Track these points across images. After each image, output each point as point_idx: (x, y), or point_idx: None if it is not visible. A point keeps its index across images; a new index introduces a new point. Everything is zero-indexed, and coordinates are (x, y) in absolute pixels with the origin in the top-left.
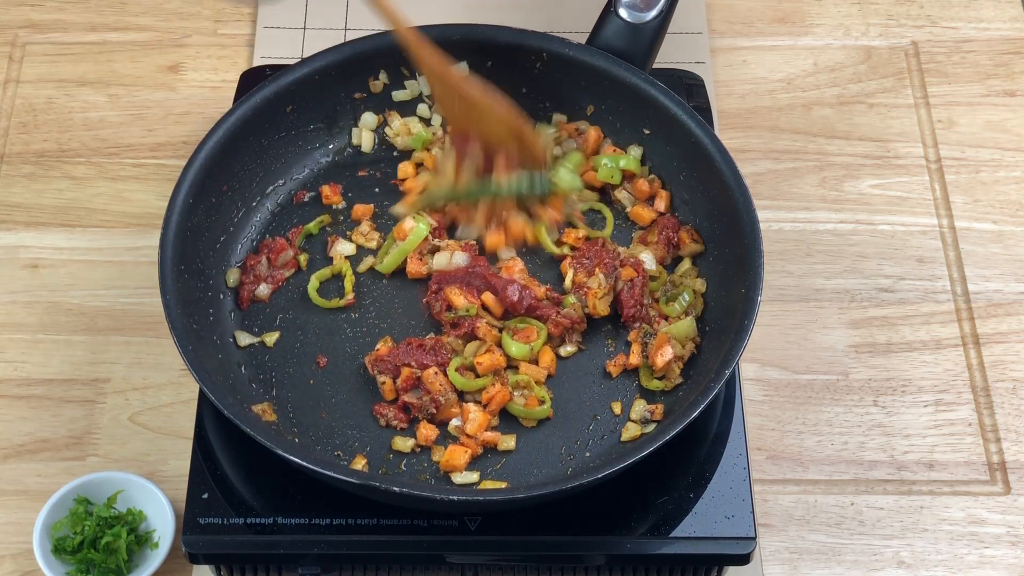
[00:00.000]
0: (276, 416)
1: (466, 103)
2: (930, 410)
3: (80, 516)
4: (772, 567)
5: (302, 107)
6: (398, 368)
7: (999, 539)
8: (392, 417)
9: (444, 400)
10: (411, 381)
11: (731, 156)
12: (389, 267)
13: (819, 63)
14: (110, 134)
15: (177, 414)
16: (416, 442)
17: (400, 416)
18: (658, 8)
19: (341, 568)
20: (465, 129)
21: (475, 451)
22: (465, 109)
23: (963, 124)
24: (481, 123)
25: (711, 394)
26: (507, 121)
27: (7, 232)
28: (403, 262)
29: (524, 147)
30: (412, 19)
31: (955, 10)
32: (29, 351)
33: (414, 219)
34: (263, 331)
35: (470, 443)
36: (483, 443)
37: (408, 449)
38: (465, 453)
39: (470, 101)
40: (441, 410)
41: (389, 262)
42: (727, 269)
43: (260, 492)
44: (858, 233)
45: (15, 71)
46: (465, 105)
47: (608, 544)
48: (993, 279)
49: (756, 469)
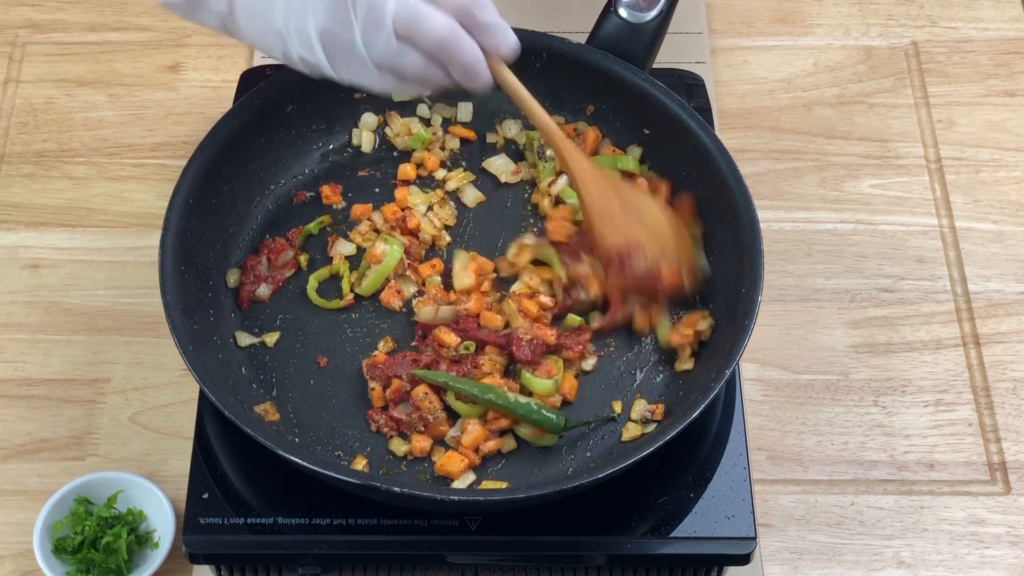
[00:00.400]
0: (279, 416)
1: (624, 198)
2: (930, 410)
3: (80, 516)
4: (772, 567)
5: (302, 107)
6: (389, 378)
7: (999, 539)
8: (383, 424)
9: (433, 419)
10: (400, 394)
11: (731, 156)
12: (369, 290)
13: (819, 63)
14: (110, 134)
15: (177, 414)
16: (410, 448)
17: (390, 424)
18: (658, 8)
19: (341, 568)
20: (623, 238)
21: (472, 461)
22: (624, 206)
23: (963, 124)
24: (643, 222)
25: (711, 394)
26: (669, 216)
27: (7, 232)
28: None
29: (682, 249)
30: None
31: (955, 10)
32: (29, 351)
33: (386, 241)
34: (263, 331)
35: (468, 454)
36: (482, 455)
37: (402, 454)
38: (461, 462)
39: (630, 195)
40: (430, 428)
41: (368, 285)
42: (727, 269)
43: (260, 492)
44: (858, 233)
45: (15, 71)
46: (624, 201)
47: (608, 544)
48: (993, 279)
49: (756, 469)
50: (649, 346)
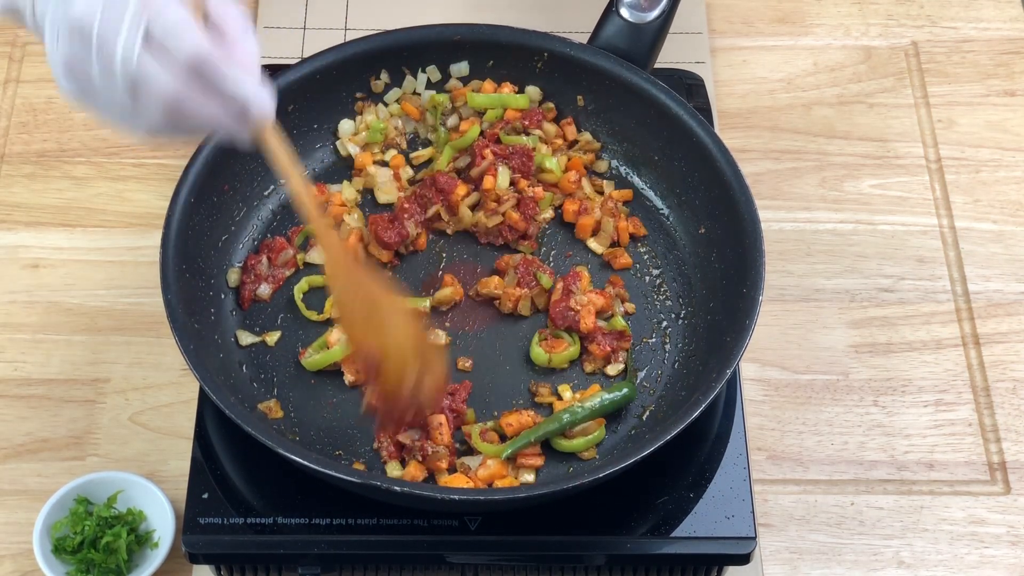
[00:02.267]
0: (282, 414)
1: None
2: (930, 410)
3: (80, 516)
4: (772, 567)
5: (303, 107)
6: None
7: (999, 539)
8: (385, 447)
9: (432, 452)
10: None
11: (732, 156)
12: (314, 367)
13: (819, 63)
14: (110, 134)
15: (177, 414)
16: (402, 475)
17: (391, 450)
18: (660, 8)
19: (341, 568)
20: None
21: (478, 485)
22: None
23: (963, 124)
24: (384, 329)
25: (712, 394)
26: (415, 330)
27: (7, 232)
28: None
29: (429, 362)
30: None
31: (955, 10)
32: (29, 351)
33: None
34: (264, 330)
35: (477, 482)
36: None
37: (395, 477)
38: (468, 483)
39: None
40: (428, 460)
41: (314, 363)
42: (728, 269)
43: (260, 492)
44: (858, 233)
45: (15, 71)
46: (369, 305)
47: (608, 544)
48: (993, 279)
49: (756, 469)
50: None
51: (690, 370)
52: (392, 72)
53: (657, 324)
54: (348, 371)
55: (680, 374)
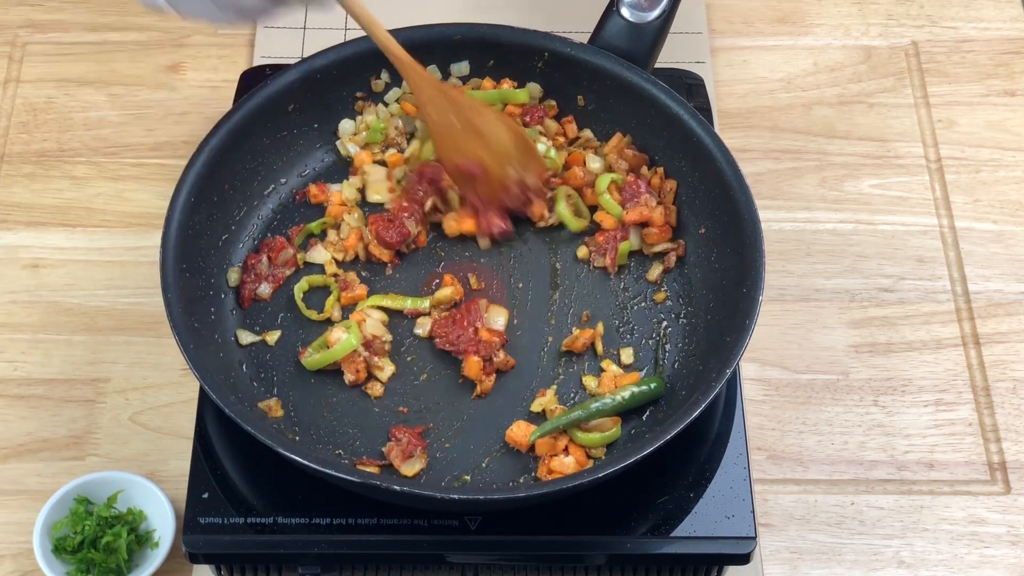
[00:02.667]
0: (283, 412)
1: (465, 115)
2: (930, 410)
3: (80, 516)
4: (772, 567)
5: (303, 106)
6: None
7: (999, 539)
8: (406, 443)
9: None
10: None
11: (732, 156)
12: (314, 366)
13: (819, 63)
14: (110, 134)
15: (177, 414)
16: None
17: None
18: (660, 8)
19: (341, 568)
20: (463, 150)
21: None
22: (464, 123)
23: (963, 124)
24: (483, 137)
25: (712, 394)
26: (511, 128)
27: (7, 232)
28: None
29: (528, 158)
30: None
31: (955, 10)
32: (29, 351)
33: (347, 329)
34: (264, 330)
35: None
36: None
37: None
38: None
39: (470, 111)
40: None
41: (313, 362)
42: (728, 269)
43: (260, 492)
44: (858, 233)
45: (15, 71)
46: (464, 118)
47: (608, 544)
48: (993, 279)
49: (756, 469)
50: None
51: (690, 370)
52: (392, 72)
53: (657, 324)
54: (348, 371)
55: (680, 374)
